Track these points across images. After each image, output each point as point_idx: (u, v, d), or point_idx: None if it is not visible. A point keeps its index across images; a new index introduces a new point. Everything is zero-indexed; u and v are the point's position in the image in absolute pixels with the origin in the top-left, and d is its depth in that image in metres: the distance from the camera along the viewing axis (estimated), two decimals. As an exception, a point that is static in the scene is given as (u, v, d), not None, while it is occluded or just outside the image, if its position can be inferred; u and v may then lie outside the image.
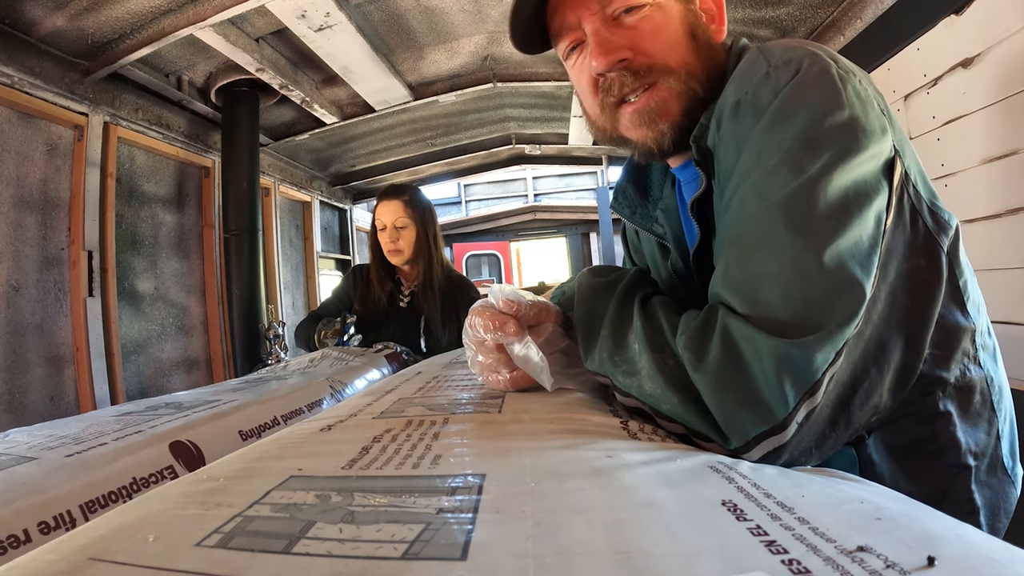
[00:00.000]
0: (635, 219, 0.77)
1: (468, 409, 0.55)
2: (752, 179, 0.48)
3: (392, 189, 1.82)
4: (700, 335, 0.46)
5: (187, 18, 1.74)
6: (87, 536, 0.30)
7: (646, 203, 0.77)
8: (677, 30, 0.60)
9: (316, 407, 1.04)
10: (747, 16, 1.92)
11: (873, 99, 0.49)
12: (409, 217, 1.75)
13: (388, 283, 1.83)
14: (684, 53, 0.59)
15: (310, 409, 1.02)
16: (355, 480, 0.36)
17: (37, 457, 0.65)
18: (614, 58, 0.58)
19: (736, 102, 0.52)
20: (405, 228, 1.75)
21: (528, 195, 7.21)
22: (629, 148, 0.65)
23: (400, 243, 1.75)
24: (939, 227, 0.51)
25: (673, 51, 0.59)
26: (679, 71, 0.59)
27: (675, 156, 0.68)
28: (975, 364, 0.54)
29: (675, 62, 0.59)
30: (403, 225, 1.74)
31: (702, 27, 0.62)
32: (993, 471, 0.55)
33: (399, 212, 1.75)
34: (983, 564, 0.23)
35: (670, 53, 0.59)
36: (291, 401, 1.01)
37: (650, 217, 0.75)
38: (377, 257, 1.82)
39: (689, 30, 0.60)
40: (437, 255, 1.80)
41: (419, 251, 1.77)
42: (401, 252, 1.75)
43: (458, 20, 2.16)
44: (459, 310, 1.77)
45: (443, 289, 1.78)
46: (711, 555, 0.24)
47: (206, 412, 0.87)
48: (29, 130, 1.84)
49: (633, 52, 0.59)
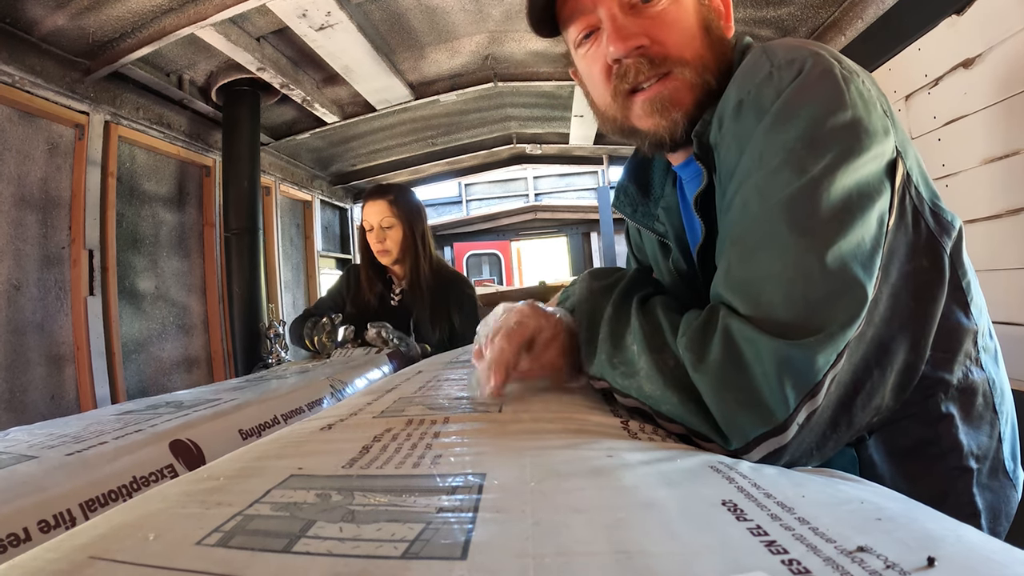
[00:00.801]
0: (636, 217, 0.77)
1: (468, 409, 0.55)
2: (754, 179, 0.48)
3: (377, 189, 1.82)
4: (701, 336, 0.45)
5: (188, 17, 1.74)
6: (87, 535, 0.30)
7: (647, 201, 0.76)
8: (693, 23, 0.60)
9: (316, 406, 1.04)
10: (748, 16, 1.92)
11: (876, 100, 0.49)
12: (395, 217, 1.74)
13: (378, 283, 1.83)
14: (699, 47, 0.59)
15: (310, 408, 1.02)
16: (355, 479, 0.36)
17: (38, 456, 0.65)
18: (632, 44, 0.58)
19: (739, 101, 0.52)
20: (392, 228, 1.74)
21: (529, 195, 7.20)
22: (638, 140, 0.64)
23: (387, 243, 1.75)
24: (941, 228, 0.51)
25: (689, 44, 0.59)
26: (694, 63, 0.59)
27: (678, 152, 0.68)
28: (977, 366, 0.54)
29: (690, 54, 0.59)
30: (389, 225, 1.74)
31: (715, 22, 0.62)
32: (995, 474, 0.55)
33: (385, 212, 1.74)
34: (983, 565, 0.23)
35: (686, 45, 0.59)
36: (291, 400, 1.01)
37: (651, 215, 0.75)
38: (367, 258, 1.82)
39: (704, 24, 0.60)
40: (425, 253, 1.79)
41: (407, 250, 1.77)
42: (389, 252, 1.75)
43: (459, 19, 2.16)
44: (451, 308, 1.79)
45: (432, 288, 1.77)
46: (711, 555, 0.24)
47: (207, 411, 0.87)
48: (30, 129, 1.84)
49: (650, 40, 0.58)
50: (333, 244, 4.44)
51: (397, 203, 1.76)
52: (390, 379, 0.87)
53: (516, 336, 0.55)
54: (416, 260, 1.77)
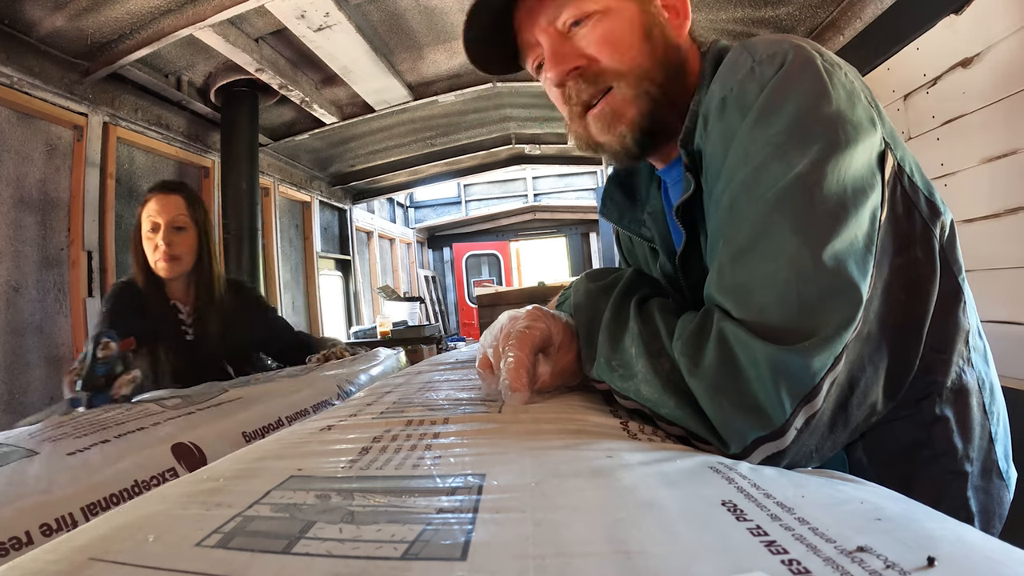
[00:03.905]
0: (623, 223, 0.77)
1: (468, 409, 0.55)
2: (741, 176, 0.47)
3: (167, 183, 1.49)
4: (696, 340, 0.45)
5: (186, 18, 1.74)
6: (87, 536, 0.30)
7: (634, 207, 0.76)
8: (629, 33, 0.60)
9: (322, 408, 1.02)
10: (746, 16, 1.92)
11: (860, 91, 0.49)
12: (191, 218, 1.40)
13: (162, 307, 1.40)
14: (636, 56, 0.59)
15: (316, 410, 1.00)
16: (355, 480, 0.36)
17: (38, 451, 0.65)
18: (565, 67, 0.60)
19: (722, 99, 0.51)
20: (184, 231, 1.39)
21: (528, 195, 7.20)
22: (605, 154, 0.65)
23: (178, 248, 1.37)
24: (936, 219, 0.51)
25: (624, 55, 0.59)
26: (630, 75, 0.59)
27: (655, 158, 0.69)
28: (968, 365, 0.54)
29: (626, 66, 0.59)
30: (182, 226, 1.38)
31: (659, 26, 0.61)
32: (988, 475, 0.54)
33: (180, 209, 1.38)
34: (983, 564, 0.23)
35: (621, 57, 0.59)
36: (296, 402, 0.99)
37: (638, 221, 0.75)
38: (144, 270, 1.38)
39: (644, 32, 0.60)
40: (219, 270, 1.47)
41: (200, 262, 1.42)
42: (179, 260, 1.37)
43: (458, 20, 2.16)
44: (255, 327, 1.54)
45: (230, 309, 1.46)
46: (711, 555, 0.24)
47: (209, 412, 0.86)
48: (29, 130, 1.84)
49: (586, 60, 0.60)
50: (332, 245, 4.44)
51: (193, 201, 1.42)
52: (389, 380, 0.87)
53: (527, 340, 0.54)
54: (210, 276, 1.43)
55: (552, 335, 0.56)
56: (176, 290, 1.42)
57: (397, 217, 6.63)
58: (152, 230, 1.36)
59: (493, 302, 3.76)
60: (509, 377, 0.53)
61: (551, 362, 0.57)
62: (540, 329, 0.55)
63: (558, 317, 0.58)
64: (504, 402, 0.54)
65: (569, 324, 0.58)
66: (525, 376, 0.53)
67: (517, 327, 0.55)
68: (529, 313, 0.58)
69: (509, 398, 0.53)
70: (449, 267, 8.04)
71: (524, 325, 0.55)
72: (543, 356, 0.57)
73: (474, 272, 7.99)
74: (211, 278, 1.43)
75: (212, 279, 1.43)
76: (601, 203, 0.79)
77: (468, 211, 7.31)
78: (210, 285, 1.43)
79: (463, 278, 7.93)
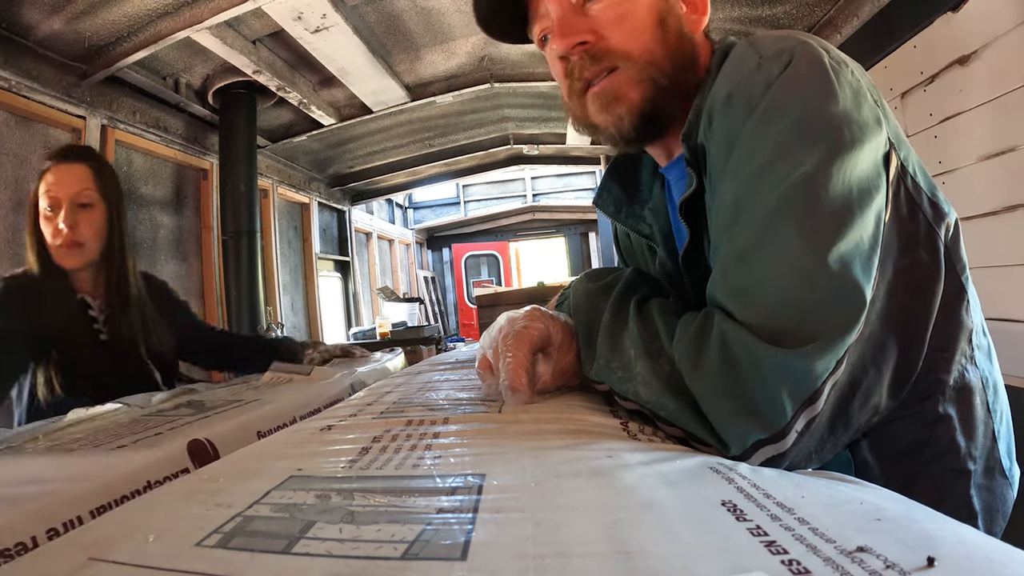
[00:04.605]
0: (620, 217, 0.76)
1: (468, 409, 0.55)
2: (746, 174, 0.47)
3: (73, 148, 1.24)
4: (697, 341, 0.45)
5: (184, 21, 1.74)
6: (87, 536, 0.30)
7: (633, 203, 0.76)
8: (643, 18, 0.59)
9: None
10: (744, 15, 1.93)
11: (866, 90, 0.49)
12: (99, 193, 1.12)
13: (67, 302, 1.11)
14: (648, 41, 0.59)
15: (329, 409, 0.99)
16: (355, 480, 0.36)
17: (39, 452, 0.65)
18: (573, 40, 0.58)
19: (727, 95, 0.51)
20: (91, 208, 1.11)
21: (527, 195, 7.20)
22: (599, 135, 0.64)
23: (82, 231, 1.09)
24: (939, 220, 0.51)
25: (636, 39, 0.58)
26: (639, 59, 0.58)
27: (657, 154, 0.68)
28: (972, 364, 0.53)
29: (636, 49, 0.58)
30: (88, 202, 1.10)
31: (675, 16, 0.61)
32: (991, 474, 0.54)
33: (86, 182, 1.10)
34: (983, 565, 0.23)
35: (632, 40, 0.58)
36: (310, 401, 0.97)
37: (637, 216, 0.74)
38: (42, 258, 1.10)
39: (658, 18, 0.59)
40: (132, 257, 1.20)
41: (111, 247, 1.15)
42: (83, 247, 1.10)
43: (455, 21, 2.16)
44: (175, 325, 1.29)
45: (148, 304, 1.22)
46: (711, 555, 0.24)
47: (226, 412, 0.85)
48: (27, 133, 1.83)
49: (595, 36, 0.58)
50: (331, 246, 4.43)
51: (102, 172, 1.14)
52: (389, 380, 0.87)
53: (525, 339, 0.54)
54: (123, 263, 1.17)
55: (551, 335, 0.56)
56: (83, 281, 1.15)
57: (396, 218, 6.62)
58: (51, 208, 1.08)
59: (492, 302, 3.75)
60: (508, 377, 0.52)
61: (551, 362, 0.56)
62: (538, 329, 0.55)
63: (557, 317, 0.58)
64: (504, 402, 0.54)
65: (568, 324, 0.58)
66: (524, 376, 0.52)
67: (515, 327, 0.55)
68: (527, 313, 0.57)
69: (509, 398, 0.53)
70: (448, 268, 8.05)
71: (522, 325, 0.55)
72: (542, 356, 0.56)
73: (473, 273, 7.99)
74: (124, 266, 1.16)
75: (126, 267, 1.17)
76: (596, 194, 0.78)
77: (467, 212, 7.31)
78: (123, 274, 1.16)
79: (462, 279, 7.94)
